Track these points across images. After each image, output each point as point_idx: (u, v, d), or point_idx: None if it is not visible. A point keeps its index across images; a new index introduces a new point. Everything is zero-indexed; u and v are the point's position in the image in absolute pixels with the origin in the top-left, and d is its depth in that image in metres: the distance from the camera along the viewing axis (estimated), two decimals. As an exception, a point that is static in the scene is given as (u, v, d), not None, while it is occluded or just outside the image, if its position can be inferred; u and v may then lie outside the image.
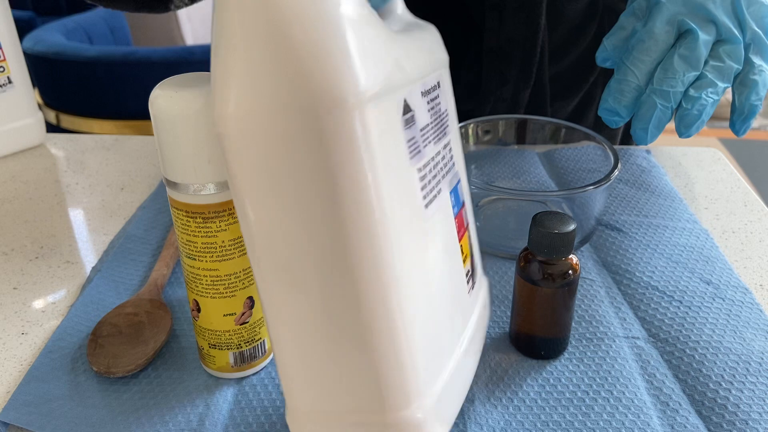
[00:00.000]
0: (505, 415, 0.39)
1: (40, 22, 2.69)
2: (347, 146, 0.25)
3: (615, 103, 0.50)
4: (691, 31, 0.48)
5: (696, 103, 0.49)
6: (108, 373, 0.41)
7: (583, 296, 0.48)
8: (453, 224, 0.35)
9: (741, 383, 0.40)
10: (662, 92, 0.48)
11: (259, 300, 0.40)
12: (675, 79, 0.48)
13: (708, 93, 0.48)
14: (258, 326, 0.40)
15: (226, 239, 0.37)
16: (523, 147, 0.65)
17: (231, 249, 0.37)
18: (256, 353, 0.41)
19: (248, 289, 0.39)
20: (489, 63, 0.68)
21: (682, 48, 0.48)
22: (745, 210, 0.60)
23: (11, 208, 0.62)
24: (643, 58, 0.49)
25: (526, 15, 0.65)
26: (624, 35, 0.52)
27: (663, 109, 0.49)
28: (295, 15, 0.24)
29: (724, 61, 0.48)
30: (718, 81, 0.49)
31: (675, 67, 0.48)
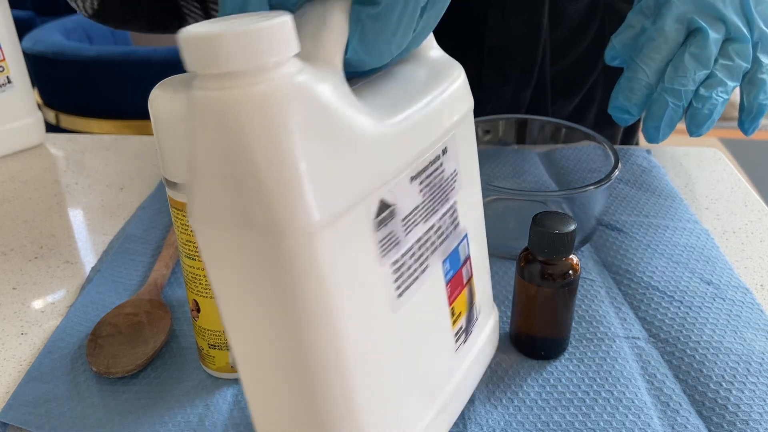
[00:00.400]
0: (506, 415, 0.39)
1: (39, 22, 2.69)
2: (298, 269, 0.25)
3: (625, 101, 0.50)
4: (701, 29, 0.48)
5: (707, 102, 0.49)
6: (107, 373, 0.41)
7: (583, 296, 0.48)
8: (443, 291, 0.34)
9: (741, 383, 0.40)
10: (674, 90, 0.48)
11: None
12: (686, 77, 0.48)
13: (718, 92, 0.49)
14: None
15: None
16: (523, 147, 0.65)
17: None
18: None
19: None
20: (490, 61, 0.68)
21: (693, 47, 0.48)
22: (745, 210, 0.60)
23: (11, 208, 0.62)
24: (653, 56, 0.49)
25: (528, 14, 0.65)
26: (633, 33, 0.52)
27: (674, 107, 0.49)
28: (253, 139, 0.23)
29: (734, 59, 0.48)
30: (728, 80, 0.49)
31: (686, 65, 0.48)
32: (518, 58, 0.67)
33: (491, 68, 0.68)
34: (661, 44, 0.49)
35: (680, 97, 0.49)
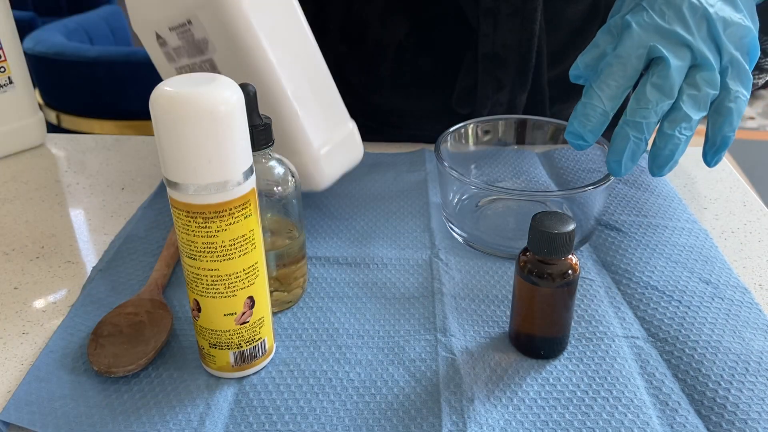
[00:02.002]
0: (505, 414, 0.39)
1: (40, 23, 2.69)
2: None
3: (580, 127, 0.48)
4: (663, 58, 0.46)
5: (669, 142, 0.47)
6: (109, 372, 0.41)
7: (582, 296, 0.48)
8: None
9: (740, 383, 0.40)
10: (635, 123, 0.46)
11: (259, 299, 0.40)
12: (648, 109, 0.46)
13: (682, 129, 0.46)
14: (258, 326, 0.41)
15: (226, 239, 0.37)
16: (522, 147, 0.65)
17: (231, 249, 0.37)
18: (257, 353, 0.41)
19: (248, 289, 0.39)
20: (484, 68, 0.68)
21: (655, 76, 0.46)
22: (744, 210, 0.60)
23: (12, 208, 0.62)
24: (610, 83, 0.47)
25: (520, 21, 0.65)
26: (597, 54, 0.50)
27: (636, 141, 0.46)
28: None
29: (701, 88, 0.46)
30: (693, 112, 0.46)
31: (648, 96, 0.46)
32: (512, 65, 0.67)
33: (485, 75, 0.68)
34: (618, 71, 0.47)
35: (642, 131, 0.46)
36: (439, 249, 0.54)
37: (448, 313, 0.47)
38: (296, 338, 0.45)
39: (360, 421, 0.39)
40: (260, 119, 0.42)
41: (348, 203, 0.61)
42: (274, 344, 0.43)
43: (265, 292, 0.41)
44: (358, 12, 0.71)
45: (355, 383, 0.41)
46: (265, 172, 0.44)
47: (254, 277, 0.39)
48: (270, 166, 0.44)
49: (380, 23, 0.70)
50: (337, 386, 0.41)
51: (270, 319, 0.42)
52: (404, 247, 0.55)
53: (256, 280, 0.39)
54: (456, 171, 0.52)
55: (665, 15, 0.46)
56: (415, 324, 0.46)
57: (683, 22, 0.46)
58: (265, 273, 0.41)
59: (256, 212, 0.38)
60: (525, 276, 0.41)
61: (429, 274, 0.51)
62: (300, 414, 0.39)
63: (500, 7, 0.65)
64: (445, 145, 0.57)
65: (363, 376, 0.42)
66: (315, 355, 0.43)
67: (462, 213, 0.57)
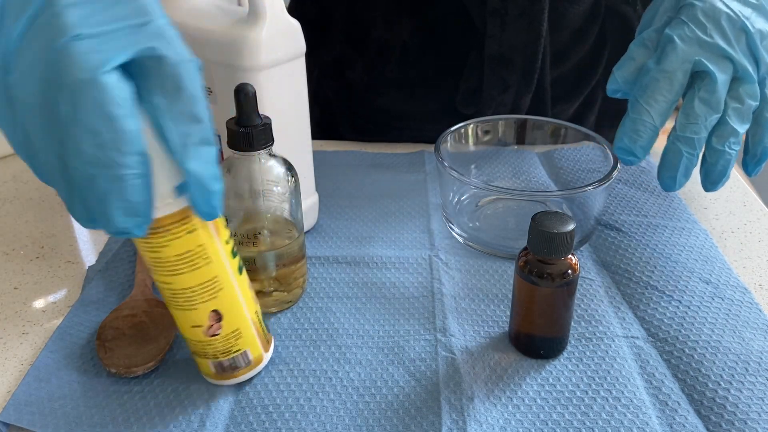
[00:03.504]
0: (505, 413, 0.39)
1: (40, 23, 2.68)
2: None
3: (631, 143, 0.48)
4: (709, 72, 0.46)
5: (721, 157, 0.48)
6: (128, 372, 0.41)
7: (582, 296, 0.48)
8: None
9: (740, 383, 0.40)
10: (687, 139, 0.47)
11: (228, 312, 0.38)
12: (698, 124, 0.47)
13: (731, 144, 0.47)
14: (233, 338, 0.39)
15: (170, 254, 0.35)
16: (522, 147, 0.65)
17: (179, 264, 0.36)
18: (237, 363, 0.40)
19: (210, 303, 0.37)
20: (490, 69, 0.68)
21: (702, 91, 0.47)
22: (744, 210, 0.60)
23: (12, 208, 0.62)
24: (658, 98, 0.47)
25: (528, 22, 0.65)
26: (634, 67, 0.51)
27: (689, 156, 0.47)
28: None
29: (744, 101, 0.47)
30: (739, 126, 0.47)
31: (696, 112, 0.46)
32: (518, 66, 0.67)
33: (491, 76, 0.68)
34: (665, 86, 0.47)
35: (694, 146, 0.47)
36: (439, 249, 0.54)
37: (448, 312, 0.47)
38: (296, 338, 0.45)
39: (360, 421, 0.39)
40: (260, 119, 0.42)
41: (348, 203, 0.61)
42: (263, 354, 0.41)
43: (237, 305, 0.39)
44: (361, 13, 0.70)
45: (355, 383, 0.41)
46: (264, 171, 0.44)
47: (216, 291, 0.37)
48: (270, 166, 0.44)
49: (384, 24, 0.70)
50: (337, 386, 0.41)
51: (252, 330, 0.40)
52: (404, 247, 0.55)
53: (219, 294, 0.37)
54: (456, 171, 0.52)
55: (706, 28, 0.47)
56: (415, 324, 0.46)
57: (724, 35, 0.47)
58: (236, 286, 0.38)
59: (206, 227, 0.36)
60: (525, 276, 0.41)
61: (429, 274, 0.51)
62: (300, 414, 0.39)
63: (508, 8, 0.65)
64: (445, 145, 0.57)
65: (363, 375, 0.42)
66: (315, 355, 0.43)
67: (462, 213, 0.57)
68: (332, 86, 0.76)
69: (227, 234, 0.38)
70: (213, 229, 0.36)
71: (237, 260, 0.39)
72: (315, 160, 0.56)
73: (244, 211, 0.45)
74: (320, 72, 0.75)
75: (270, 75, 0.47)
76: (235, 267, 0.38)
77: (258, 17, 0.46)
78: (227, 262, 0.37)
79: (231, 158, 0.44)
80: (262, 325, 0.41)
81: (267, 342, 0.42)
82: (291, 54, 0.49)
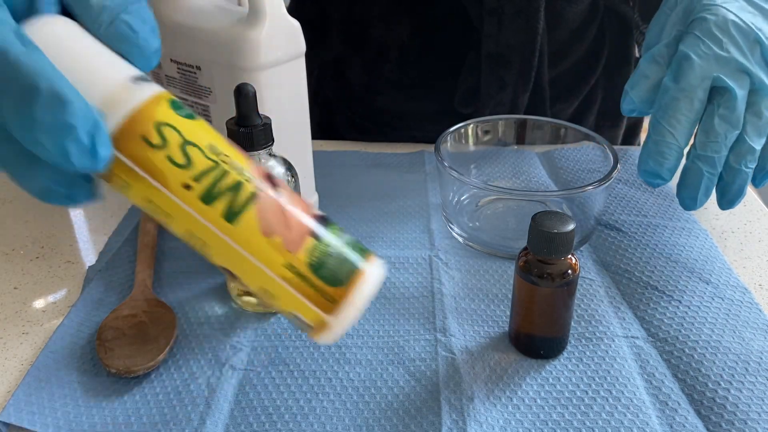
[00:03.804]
0: (505, 413, 0.39)
1: (40, 23, 2.69)
2: None
3: (657, 166, 0.47)
4: (728, 89, 0.45)
5: (737, 177, 0.47)
6: (128, 372, 0.41)
7: (582, 296, 0.48)
8: None
9: (740, 383, 0.40)
10: (708, 158, 0.46)
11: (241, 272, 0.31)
12: (718, 142, 0.46)
13: (748, 162, 0.47)
14: (267, 298, 0.31)
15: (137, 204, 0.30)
16: (522, 147, 0.65)
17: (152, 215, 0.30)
18: (299, 325, 0.32)
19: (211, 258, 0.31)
20: (488, 68, 0.68)
21: (722, 108, 0.46)
22: (744, 210, 0.60)
23: (12, 208, 0.62)
24: (680, 118, 0.46)
25: (524, 21, 0.65)
26: (649, 85, 0.50)
27: (710, 176, 0.47)
28: None
29: (762, 116, 0.46)
30: (757, 142, 0.46)
31: (717, 129, 0.46)
32: (515, 64, 0.67)
33: (489, 75, 0.68)
34: (686, 105, 0.46)
35: (714, 165, 0.47)
36: (439, 249, 0.54)
37: (448, 312, 0.47)
38: (296, 338, 0.45)
39: (360, 421, 0.39)
40: (260, 119, 0.42)
41: (348, 203, 0.61)
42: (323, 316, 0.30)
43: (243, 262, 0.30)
44: (360, 13, 0.71)
45: (355, 383, 0.41)
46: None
47: (201, 247, 0.30)
48: (269, 166, 0.44)
49: (383, 24, 0.70)
50: (337, 386, 0.41)
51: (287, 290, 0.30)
52: (404, 247, 0.55)
53: (207, 251, 0.30)
54: (456, 171, 0.52)
55: (722, 42, 0.46)
56: (415, 324, 0.46)
57: (739, 49, 0.46)
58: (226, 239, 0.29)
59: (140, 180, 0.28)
60: (525, 276, 0.41)
61: (429, 274, 0.51)
62: (300, 414, 0.39)
63: (504, 7, 0.65)
64: (445, 145, 0.57)
65: (363, 376, 0.42)
66: (315, 355, 0.43)
67: (462, 213, 0.57)
68: (332, 86, 0.76)
69: (184, 176, 0.29)
70: (150, 179, 0.28)
71: (220, 204, 0.29)
72: (315, 160, 0.56)
73: (244, 211, 0.45)
74: (320, 72, 0.75)
75: (270, 75, 0.47)
76: (216, 215, 0.29)
77: (258, 17, 0.46)
78: (195, 211, 0.29)
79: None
80: (311, 281, 0.30)
81: (329, 301, 0.31)
82: (291, 54, 0.49)
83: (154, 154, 0.28)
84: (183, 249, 0.55)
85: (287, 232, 0.30)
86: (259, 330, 0.46)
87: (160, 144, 0.28)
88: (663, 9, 0.53)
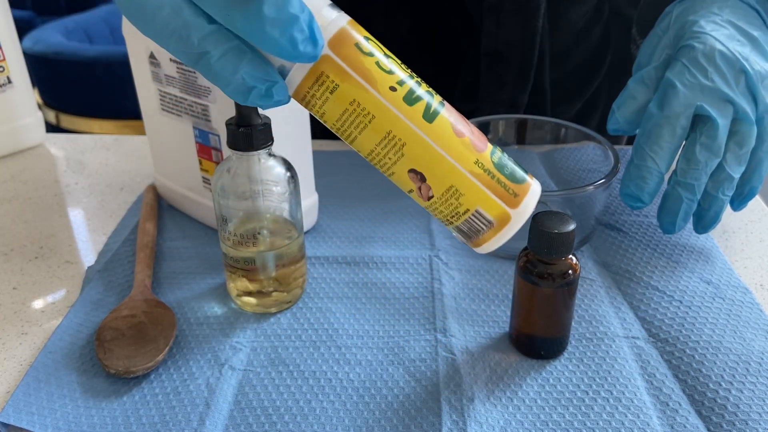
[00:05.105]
0: (505, 414, 0.39)
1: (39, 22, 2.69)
2: None
3: (638, 190, 0.49)
4: (710, 118, 0.46)
5: (714, 203, 0.49)
6: (128, 373, 0.41)
7: (583, 296, 0.48)
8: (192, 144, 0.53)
9: (741, 383, 0.40)
10: (688, 185, 0.48)
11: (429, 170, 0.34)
12: (698, 170, 0.47)
13: (725, 190, 0.48)
14: (452, 198, 0.34)
15: (334, 121, 0.33)
16: (523, 147, 0.65)
17: (347, 128, 0.33)
18: (477, 227, 0.35)
19: (401, 162, 0.34)
20: (487, 66, 0.68)
21: (704, 137, 0.47)
22: (745, 210, 0.60)
23: (11, 208, 0.62)
24: (663, 145, 0.48)
25: (523, 18, 0.65)
26: (635, 107, 0.51)
27: (689, 202, 0.48)
28: None
29: (743, 145, 0.47)
30: (736, 171, 0.48)
31: (698, 157, 0.47)
32: (514, 62, 0.67)
33: (488, 72, 0.68)
34: (668, 133, 0.47)
35: (694, 192, 0.48)
36: (439, 249, 0.54)
37: (448, 313, 0.47)
38: (296, 339, 0.45)
39: (360, 421, 0.39)
40: (260, 119, 0.42)
41: (348, 203, 0.61)
42: (508, 211, 0.35)
43: (437, 158, 0.33)
44: (361, 9, 0.70)
45: (355, 383, 0.41)
46: (264, 171, 0.44)
47: (398, 148, 0.33)
48: (269, 166, 0.44)
49: (384, 21, 0.69)
50: (337, 386, 0.41)
51: (476, 184, 0.34)
52: (404, 247, 0.54)
53: (405, 150, 0.33)
54: (456, 171, 0.52)
55: (707, 72, 0.47)
56: (415, 324, 0.46)
57: (724, 78, 0.47)
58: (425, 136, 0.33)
59: (350, 80, 0.32)
60: (525, 276, 0.41)
61: (429, 274, 0.51)
62: (300, 414, 0.39)
63: (503, 4, 0.65)
64: (445, 145, 0.57)
65: (363, 376, 0.42)
66: (315, 356, 0.43)
67: (462, 213, 0.57)
68: None
69: (390, 80, 0.33)
70: (361, 80, 0.32)
71: (420, 106, 0.33)
72: (315, 160, 0.55)
73: (244, 211, 0.45)
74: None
75: None
76: (417, 115, 0.33)
77: None
78: (399, 111, 0.33)
79: (231, 158, 0.44)
80: (496, 175, 0.35)
81: (512, 195, 0.35)
82: None
83: (365, 58, 0.32)
84: (182, 249, 0.54)
85: (472, 135, 0.35)
86: (259, 330, 0.46)
87: (369, 52, 0.33)
88: (656, 30, 0.54)
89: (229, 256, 0.46)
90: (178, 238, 0.56)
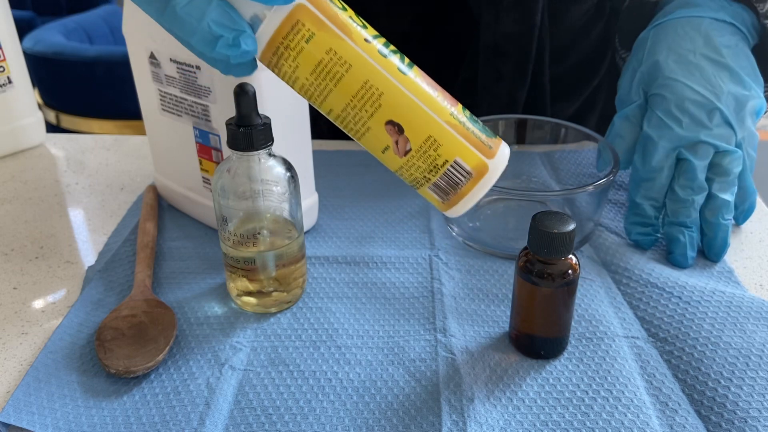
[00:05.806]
0: (505, 414, 0.39)
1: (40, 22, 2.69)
2: None
3: (642, 236, 0.53)
4: (687, 160, 0.50)
5: (718, 230, 0.51)
6: (128, 372, 0.41)
7: (582, 296, 0.48)
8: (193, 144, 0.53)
9: (740, 379, 0.40)
10: (681, 223, 0.51)
11: (406, 120, 0.34)
12: (687, 208, 0.51)
13: (724, 215, 0.51)
14: (431, 149, 0.34)
15: (307, 75, 0.33)
16: (523, 147, 0.65)
17: (322, 82, 0.33)
18: (455, 180, 0.35)
19: (378, 114, 0.33)
20: (485, 59, 0.68)
21: (682, 179, 0.50)
22: (744, 210, 0.60)
23: (11, 208, 0.62)
24: (651, 194, 0.52)
25: (521, 11, 0.65)
26: (625, 146, 0.55)
27: (690, 235, 0.51)
28: None
29: (729, 173, 0.50)
30: (728, 196, 0.51)
31: (682, 197, 0.50)
32: (512, 56, 0.67)
33: (486, 66, 0.68)
34: (656, 182, 0.52)
35: (689, 225, 0.51)
36: (439, 249, 0.54)
37: (448, 313, 0.47)
38: (296, 339, 0.45)
39: (360, 421, 0.39)
40: (260, 119, 0.42)
41: (348, 203, 0.61)
42: (485, 160, 0.35)
43: (414, 108, 0.33)
44: (362, 3, 0.70)
45: (355, 383, 0.41)
46: (264, 171, 0.44)
47: (375, 98, 0.33)
48: (269, 166, 0.44)
49: (385, 14, 0.69)
50: (337, 386, 0.41)
51: (452, 134, 0.34)
52: (404, 247, 0.55)
53: (381, 100, 0.33)
54: (456, 171, 0.52)
55: (681, 122, 0.51)
56: (415, 324, 0.46)
57: (698, 122, 0.51)
58: (401, 86, 0.33)
59: (325, 28, 0.32)
60: (525, 276, 0.41)
61: (429, 274, 0.51)
62: (300, 414, 0.39)
63: None
64: (445, 145, 0.57)
65: (363, 376, 0.42)
66: (315, 356, 0.43)
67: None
68: None
69: (365, 33, 0.33)
70: (337, 29, 0.32)
71: (394, 59, 0.33)
72: (315, 160, 0.56)
73: (244, 211, 0.45)
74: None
75: (270, 75, 0.47)
76: (393, 67, 0.33)
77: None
78: (376, 62, 0.33)
79: (231, 158, 0.44)
80: (470, 128, 0.35)
81: (487, 147, 0.35)
82: None
83: (340, 12, 0.33)
84: (182, 249, 0.55)
85: (443, 92, 0.35)
86: (259, 330, 0.46)
87: (343, 6, 0.33)
88: (631, 62, 0.57)
89: (229, 256, 0.46)
90: (178, 238, 0.56)
